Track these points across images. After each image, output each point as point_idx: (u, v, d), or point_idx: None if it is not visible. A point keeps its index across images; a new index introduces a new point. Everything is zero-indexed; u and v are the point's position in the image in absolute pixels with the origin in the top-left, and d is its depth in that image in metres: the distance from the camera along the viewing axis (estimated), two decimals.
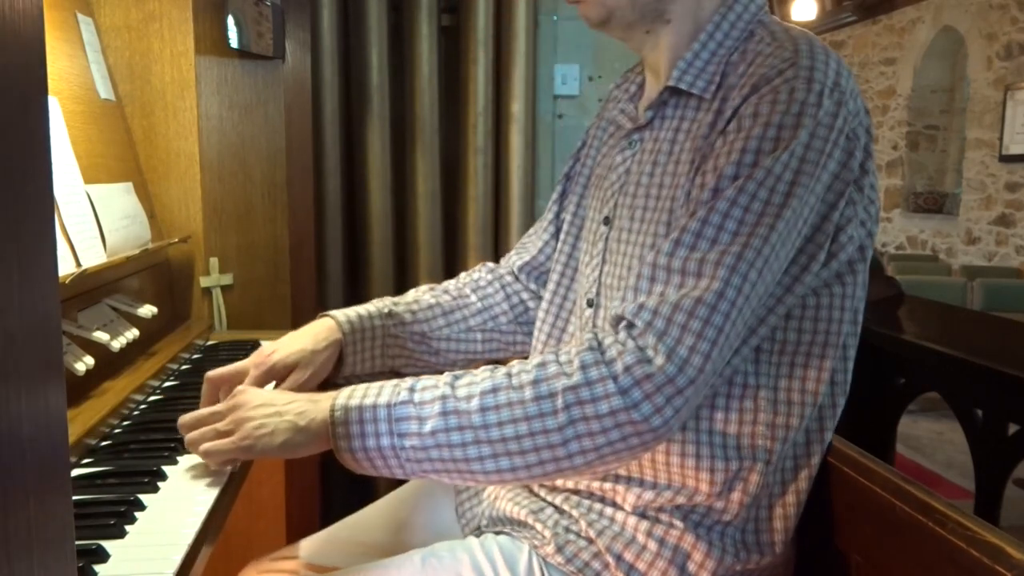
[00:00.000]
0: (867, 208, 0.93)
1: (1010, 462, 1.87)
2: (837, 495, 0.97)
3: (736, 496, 0.92)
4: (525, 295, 1.23)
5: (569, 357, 0.84)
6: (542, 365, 0.84)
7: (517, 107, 2.34)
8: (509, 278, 1.24)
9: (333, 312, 1.15)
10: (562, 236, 1.14)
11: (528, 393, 0.82)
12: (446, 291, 1.22)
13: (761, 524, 0.95)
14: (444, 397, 0.85)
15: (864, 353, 2.25)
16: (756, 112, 0.87)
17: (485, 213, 2.38)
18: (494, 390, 0.84)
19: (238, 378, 1.05)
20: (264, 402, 0.90)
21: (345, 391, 0.88)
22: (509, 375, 0.85)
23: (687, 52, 0.97)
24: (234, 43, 1.63)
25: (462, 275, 1.26)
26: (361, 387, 0.88)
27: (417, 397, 0.85)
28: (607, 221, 1.03)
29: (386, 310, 1.16)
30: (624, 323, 0.84)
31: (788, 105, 0.86)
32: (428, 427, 0.83)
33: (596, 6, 0.98)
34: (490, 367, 0.88)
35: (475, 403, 0.83)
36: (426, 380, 0.88)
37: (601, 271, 1.02)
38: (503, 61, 2.34)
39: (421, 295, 1.21)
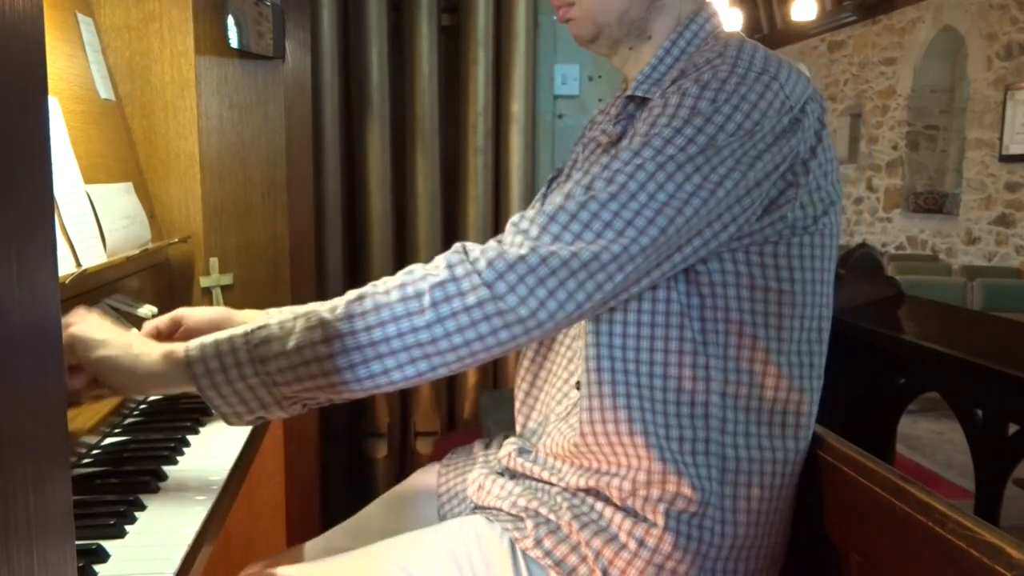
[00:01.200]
0: (812, 193, 0.94)
1: (1010, 462, 1.87)
2: (837, 495, 0.97)
3: (702, 470, 0.94)
4: None
5: (435, 262, 0.86)
6: (408, 271, 0.86)
7: (517, 107, 2.34)
8: None
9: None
10: None
11: (395, 295, 0.83)
12: None
13: (739, 503, 0.96)
14: (308, 313, 0.84)
15: (864, 353, 2.26)
16: (679, 88, 0.91)
17: (485, 213, 2.38)
18: (360, 297, 0.84)
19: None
20: (96, 325, 0.88)
21: (197, 339, 0.86)
22: (375, 284, 0.86)
23: (646, 66, 1.02)
24: (234, 43, 1.63)
25: None
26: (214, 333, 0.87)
27: (276, 319, 0.85)
28: None
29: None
30: (506, 229, 0.88)
31: (709, 82, 0.89)
32: (292, 343, 0.82)
33: (587, 24, 1.03)
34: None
35: (340, 311, 0.83)
36: (285, 308, 0.88)
37: None
38: (503, 61, 2.34)
39: None
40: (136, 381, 0.86)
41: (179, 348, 0.85)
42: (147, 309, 1.35)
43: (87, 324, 0.88)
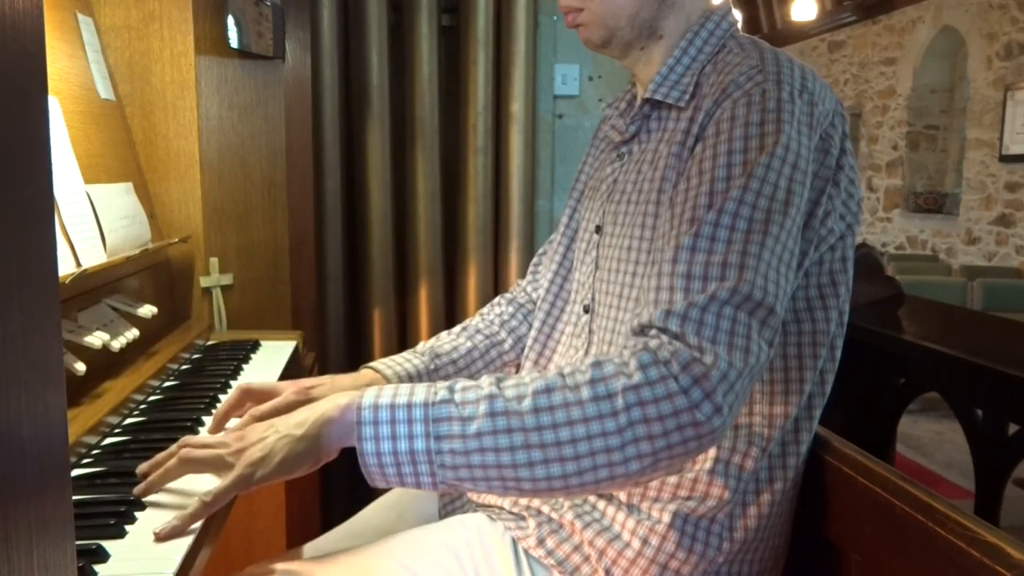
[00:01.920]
0: (846, 203, 0.96)
1: (1010, 462, 1.87)
2: (837, 495, 0.97)
3: (730, 481, 0.93)
4: None
5: (624, 358, 0.80)
6: (598, 365, 0.80)
7: (517, 107, 2.34)
8: (530, 306, 1.27)
9: (379, 367, 1.12)
10: (555, 246, 1.18)
11: (586, 393, 0.78)
12: (479, 331, 1.24)
13: (749, 509, 0.96)
14: (491, 396, 0.79)
15: (864, 353, 2.26)
16: (733, 115, 0.89)
17: (485, 213, 2.38)
18: (548, 390, 0.79)
19: (272, 395, 1.01)
20: (263, 426, 0.85)
21: (372, 390, 0.82)
22: (562, 375, 0.80)
23: (663, 67, 1.00)
24: (234, 43, 1.63)
25: (484, 311, 1.28)
26: (390, 387, 0.83)
27: (459, 397, 0.80)
28: (598, 230, 1.06)
29: (432, 366, 1.16)
30: (655, 330, 0.82)
31: (764, 103, 0.88)
32: (472, 428, 0.78)
33: (598, 28, 1.01)
34: (536, 370, 0.86)
35: (527, 403, 0.78)
36: (465, 381, 0.83)
37: (594, 278, 1.05)
38: (503, 61, 2.34)
39: (458, 341, 1.22)
40: (309, 459, 0.82)
41: (347, 407, 0.81)
42: (147, 309, 1.35)
43: (248, 449, 0.82)
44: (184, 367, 1.40)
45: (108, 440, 1.06)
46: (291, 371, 1.45)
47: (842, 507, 0.96)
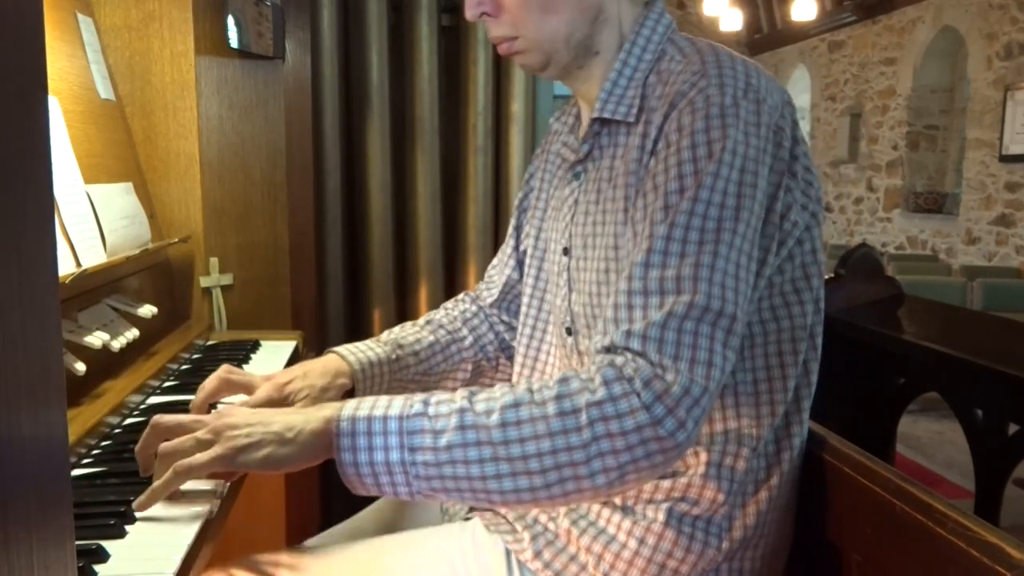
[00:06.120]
0: (805, 191, 0.95)
1: (1010, 462, 1.87)
2: (837, 495, 0.97)
3: (723, 484, 0.93)
4: (501, 327, 1.27)
5: (590, 374, 0.82)
6: (564, 381, 0.82)
7: (517, 107, 2.34)
8: (489, 311, 1.28)
9: (343, 352, 1.14)
10: (525, 268, 1.18)
11: (551, 408, 0.80)
12: (441, 326, 1.24)
13: (747, 508, 0.96)
14: (462, 411, 0.82)
15: (864, 353, 2.26)
16: (680, 126, 0.89)
17: (485, 213, 2.38)
18: (515, 405, 0.81)
19: (248, 387, 1.07)
20: (251, 413, 0.87)
21: (351, 402, 0.85)
22: (530, 391, 0.82)
23: (606, 83, 0.99)
24: (234, 43, 1.63)
25: (449, 305, 1.29)
26: (369, 399, 0.85)
27: (432, 410, 0.82)
28: (566, 251, 1.05)
29: (394, 356, 1.17)
30: (619, 349, 0.83)
31: (707, 110, 0.88)
32: (443, 441, 0.80)
33: (535, 53, 1.00)
34: (508, 384, 0.87)
35: (495, 418, 0.80)
36: (440, 394, 0.85)
37: (570, 300, 1.04)
38: (503, 61, 2.34)
39: (422, 334, 1.22)
40: (291, 463, 0.84)
41: (329, 419, 0.83)
42: (147, 309, 1.35)
43: (232, 430, 0.84)
44: (184, 367, 1.40)
45: (108, 440, 1.06)
46: None
47: (842, 507, 0.96)
